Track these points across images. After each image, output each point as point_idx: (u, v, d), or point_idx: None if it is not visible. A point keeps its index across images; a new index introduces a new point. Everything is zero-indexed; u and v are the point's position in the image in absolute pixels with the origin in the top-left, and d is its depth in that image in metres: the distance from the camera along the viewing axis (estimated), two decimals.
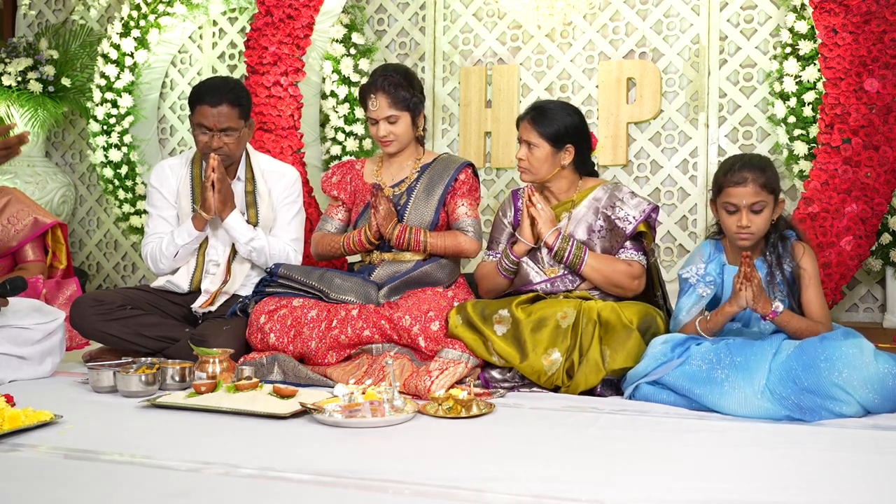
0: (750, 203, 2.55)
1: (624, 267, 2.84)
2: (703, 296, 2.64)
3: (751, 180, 2.55)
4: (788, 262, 2.62)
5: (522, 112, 2.99)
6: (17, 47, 4.96)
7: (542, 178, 2.93)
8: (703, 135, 4.22)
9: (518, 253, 2.91)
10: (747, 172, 2.56)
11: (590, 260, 2.83)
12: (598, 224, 2.90)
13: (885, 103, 3.49)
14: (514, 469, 1.80)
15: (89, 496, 1.61)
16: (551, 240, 2.84)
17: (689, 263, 2.74)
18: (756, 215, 2.57)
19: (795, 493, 1.64)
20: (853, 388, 2.23)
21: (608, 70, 4.33)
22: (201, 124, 3.05)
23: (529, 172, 2.93)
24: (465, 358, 2.67)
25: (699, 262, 2.70)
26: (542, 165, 2.91)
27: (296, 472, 1.75)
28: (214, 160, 3.00)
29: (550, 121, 2.89)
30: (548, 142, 2.89)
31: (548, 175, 2.93)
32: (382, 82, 3.02)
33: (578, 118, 2.95)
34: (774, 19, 4.09)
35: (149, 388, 2.54)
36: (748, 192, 2.55)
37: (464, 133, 4.58)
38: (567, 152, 2.92)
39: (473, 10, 4.60)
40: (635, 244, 2.89)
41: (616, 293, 2.85)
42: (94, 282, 5.38)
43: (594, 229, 2.90)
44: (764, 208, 2.57)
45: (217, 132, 3.05)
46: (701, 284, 2.65)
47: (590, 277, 2.85)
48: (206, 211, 3.04)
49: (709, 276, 2.65)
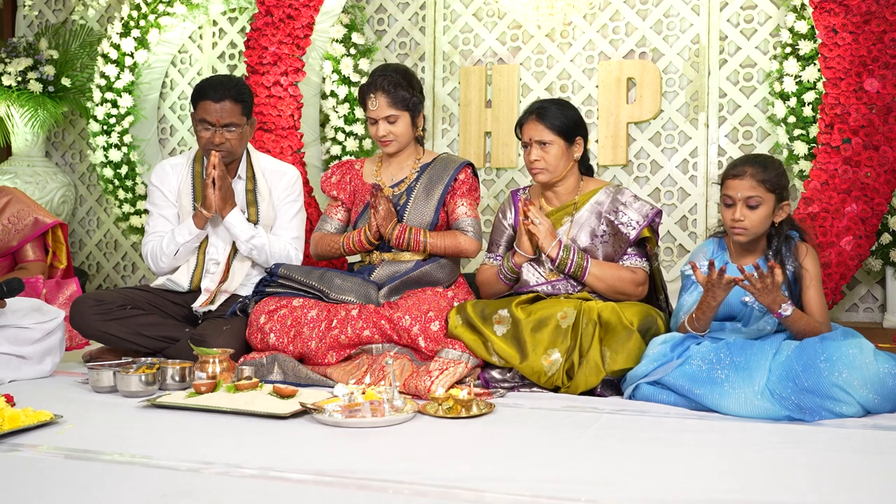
0: (745, 196, 2.56)
1: (628, 274, 2.84)
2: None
3: (748, 174, 2.56)
4: (791, 262, 2.62)
5: (522, 115, 2.97)
6: (17, 47, 4.96)
7: (558, 175, 2.91)
8: (703, 135, 4.22)
9: (518, 264, 2.90)
10: (747, 167, 2.58)
11: (593, 269, 2.82)
12: (602, 229, 2.89)
13: (885, 103, 3.49)
14: (514, 469, 1.80)
15: (89, 496, 1.61)
16: (553, 252, 2.82)
17: (693, 258, 2.74)
18: (751, 210, 2.56)
19: (795, 492, 1.64)
20: (853, 388, 2.23)
21: (608, 70, 4.33)
22: (204, 120, 3.05)
23: (546, 172, 2.89)
24: (465, 358, 2.67)
25: (702, 259, 2.69)
26: (559, 162, 2.89)
27: (296, 472, 1.75)
28: (215, 157, 3.00)
29: (556, 115, 2.88)
30: (560, 136, 2.87)
31: (563, 172, 2.91)
32: (382, 82, 3.02)
33: (577, 111, 2.96)
34: (774, 19, 4.09)
35: (149, 388, 2.54)
36: (744, 186, 2.56)
37: (464, 133, 4.58)
38: (578, 145, 2.92)
39: (473, 10, 4.60)
40: (638, 249, 2.89)
41: (620, 299, 2.83)
42: (94, 282, 5.38)
43: (597, 234, 2.89)
44: (760, 205, 2.56)
45: (219, 128, 3.05)
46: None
47: (593, 286, 2.84)
48: (206, 209, 3.04)
49: None
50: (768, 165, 2.60)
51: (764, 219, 2.58)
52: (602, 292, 2.84)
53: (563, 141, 2.88)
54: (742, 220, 2.57)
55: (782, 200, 2.60)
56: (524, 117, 2.94)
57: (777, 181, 2.59)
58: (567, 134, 2.88)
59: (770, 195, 2.57)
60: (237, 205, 3.11)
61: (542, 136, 2.87)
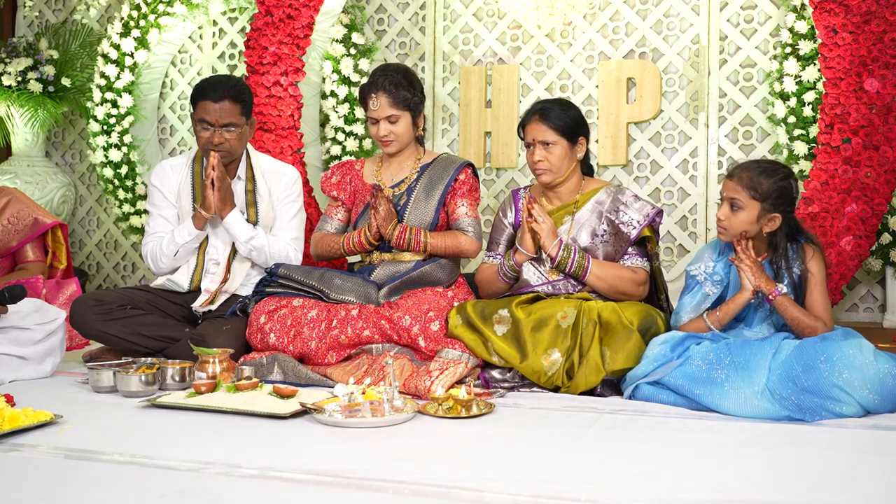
0: (729, 197, 2.58)
1: (628, 274, 2.84)
2: (709, 294, 2.66)
3: (737, 176, 2.57)
4: (798, 265, 2.61)
5: (524, 115, 2.96)
6: (17, 47, 4.96)
7: (562, 176, 2.91)
8: (703, 135, 4.22)
9: (519, 262, 2.90)
10: (741, 169, 2.59)
11: (594, 269, 2.82)
12: (602, 228, 2.89)
13: (885, 103, 3.49)
14: (514, 469, 1.80)
15: (89, 496, 1.61)
16: (554, 252, 2.82)
17: (697, 260, 2.74)
18: (733, 212, 2.57)
19: (795, 493, 1.64)
20: (853, 388, 2.23)
21: (608, 70, 4.33)
22: (203, 120, 3.05)
23: (550, 172, 2.89)
24: (465, 358, 2.66)
25: (708, 259, 2.69)
26: (563, 162, 2.88)
27: (296, 472, 1.75)
28: (214, 158, 3.00)
29: (559, 115, 2.87)
30: (563, 136, 2.86)
31: (566, 172, 2.91)
32: (383, 82, 3.02)
33: (579, 110, 2.95)
34: (774, 19, 4.09)
35: (149, 388, 2.54)
36: (729, 186, 2.59)
37: (464, 133, 4.58)
38: (581, 145, 2.92)
39: (473, 10, 4.60)
40: (639, 249, 2.88)
41: (620, 299, 2.83)
42: (94, 282, 5.38)
43: (597, 234, 2.89)
44: (742, 209, 2.55)
45: (218, 128, 3.05)
46: (708, 283, 2.66)
47: (594, 286, 2.84)
48: (205, 209, 3.04)
49: (717, 274, 2.66)
50: (766, 174, 2.55)
51: (745, 223, 2.56)
52: (603, 292, 2.84)
53: (566, 141, 2.88)
54: (723, 220, 2.59)
55: (772, 212, 2.55)
56: (527, 118, 2.94)
57: (768, 191, 2.53)
58: (570, 134, 2.88)
59: (754, 203, 2.54)
60: (236, 205, 3.11)
61: (545, 136, 2.87)
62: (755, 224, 2.56)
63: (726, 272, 2.67)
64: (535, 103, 2.99)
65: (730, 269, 2.68)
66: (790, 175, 2.59)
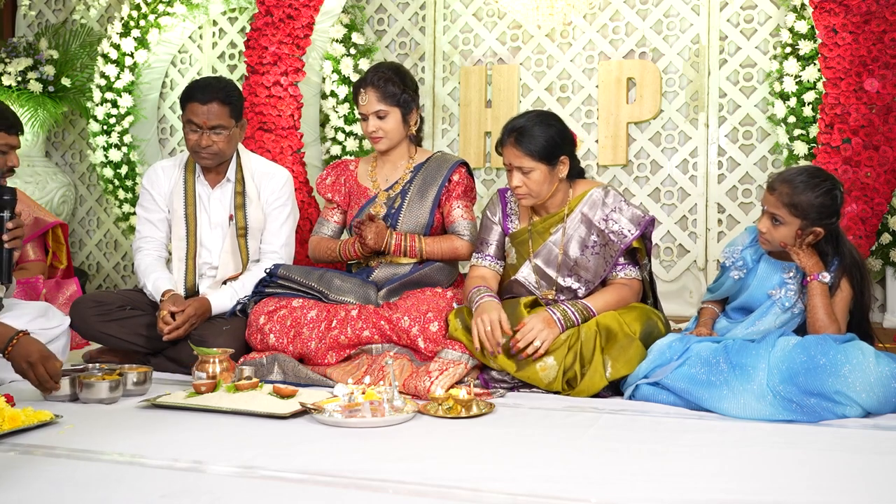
0: (770, 212, 2.59)
1: (628, 293, 2.76)
2: (735, 279, 2.74)
3: (777, 192, 2.57)
4: (834, 276, 2.59)
5: (501, 134, 2.76)
6: (17, 47, 4.96)
7: (543, 198, 2.77)
8: (703, 135, 4.22)
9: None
10: (781, 183, 2.57)
11: (598, 308, 2.69)
12: (592, 239, 2.79)
13: (885, 103, 3.49)
14: (514, 469, 1.80)
15: (89, 496, 1.61)
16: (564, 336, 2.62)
17: (732, 244, 2.82)
18: (774, 226, 2.58)
19: (795, 493, 1.64)
20: (855, 391, 2.23)
21: (608, 70, 4.33)
22: (191, 121, 3.03)
23: (530, 197, 2.74)
24: (464, 358, 2.66)
25: (739, 245, 2.78)
26: (542, 187, 2.73)
27: (296, 472, 1.75)
28: (167, 313, 2.91)
29: (535, 137, 2.67)
30: (542, 161, 2.69)
31: (548, 193, 2.77)
32: (372, 77, 3.01)
33: (559, 124, 2.76)
34: (774, 19, 4.09)
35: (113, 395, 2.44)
36: (770, 201, 2.59)
37: (464, 133, 4.58)
38: (563, 164, 2.74)
39: (473, 10, 4.60)
40: (630, 258, 2.81)
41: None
42: (94, 282, 5.38)
43: (587, 245, 2.79)
44: (783, 224, 2.56)
45: (206, 130, 3.02)
46: (733, 269, 2.75)
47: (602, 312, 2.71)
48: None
49: (741, 261, 2.74)
50: (806, 190, 2.52)
51: (786, 237, 2.58)
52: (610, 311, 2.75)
53: (545, 165, 2.69)
54: (764, 233, 2.61)
55: (814, 226, 2.53)
56: (503, 138, 2.74)
57: (808, 209, 2.51)
58: (549, 157, 2.69)
59: (794, 219, 2.54)
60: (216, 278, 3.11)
61: (521, 162, 2.68)
62: (797, 237, 2.57)
63: (755, 260, 2.73)
64: (512, 121, 2.77)
65: (759, 259, 2.72)
66: (833, 188, 2.54)
